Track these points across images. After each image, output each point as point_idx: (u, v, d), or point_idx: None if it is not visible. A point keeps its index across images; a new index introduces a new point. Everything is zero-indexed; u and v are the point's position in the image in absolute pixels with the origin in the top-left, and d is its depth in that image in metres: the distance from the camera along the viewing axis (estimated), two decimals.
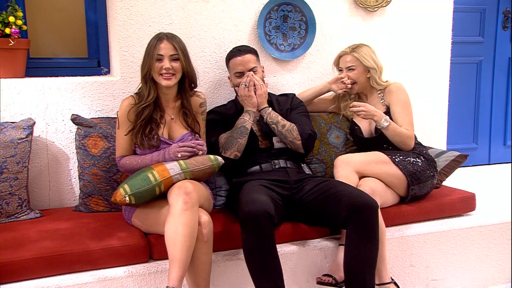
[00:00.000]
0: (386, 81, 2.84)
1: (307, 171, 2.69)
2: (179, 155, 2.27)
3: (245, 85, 2.60)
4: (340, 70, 2.89)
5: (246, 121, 2.56)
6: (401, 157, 2.65)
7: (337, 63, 2.93)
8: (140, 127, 2.32)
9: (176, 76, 2.34)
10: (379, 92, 2.83)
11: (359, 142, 2.88)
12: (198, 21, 2.90)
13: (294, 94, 2.90)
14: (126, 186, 2.21)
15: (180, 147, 2.28)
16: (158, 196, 2.23)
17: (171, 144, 2.34)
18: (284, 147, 2.64)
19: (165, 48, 2.32)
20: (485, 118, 4.20)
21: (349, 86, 2.82)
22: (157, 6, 2.80)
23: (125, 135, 2.34)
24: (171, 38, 2.35)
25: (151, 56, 2.32)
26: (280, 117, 2.62)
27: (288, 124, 2.61)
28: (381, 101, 2.80)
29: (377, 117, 2.65)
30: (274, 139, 2.65)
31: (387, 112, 2.76)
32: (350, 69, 2.83)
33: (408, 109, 2.77)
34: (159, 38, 2.34)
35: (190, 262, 2.08)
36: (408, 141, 2.70)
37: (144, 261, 2.24)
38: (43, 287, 2.04)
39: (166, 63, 2.31)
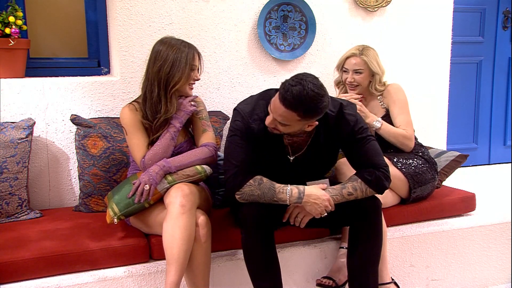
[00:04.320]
0: (384, 84, 2.80)
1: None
2: (193, 108, 2.31)
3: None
4: (345, 71, 2.79)
5: (286, 199, 2.08)
6: (401, 160, 2.65)
7: (342, 64, 2.81)
8: (155, 140, 2.29)
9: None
10: (378, 95, 2.81)
11: None
12: (198, 21, 2.90)
13: (355, 120, 2.17)
14: (114, 206, 2.19)
15: (188, 100, 2.31)
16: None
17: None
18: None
19: (197, 60, 2.32)
20: (485, 118, 4.20)
21: (359, 104, 2.66)
22: (157, 6, 2.80)
23: (149, 143, 2.27)
24: (197, 51, 2.33)
25: (189, 65, 2.25)
26: (343, 190, 2.13)
27: (358, 189, 2.13)
28: (380, 104, 2.79)
29: (369, 119, 2.66)
30: (310, 184, 2.19)
31: (387, 115, 2.76)
32: (357, 72, 2.73)
33: (406, 108, 2.76)
34: (193, 50, 2.28)
35: (188, 263, 2.08)
36: (405, 141, 2.70)
37: (144, 261, 2.24)
38: (43, 287, 2.04)
39: (197, 75, 2.33)
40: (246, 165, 2.10)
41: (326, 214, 2.11)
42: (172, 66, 2.22)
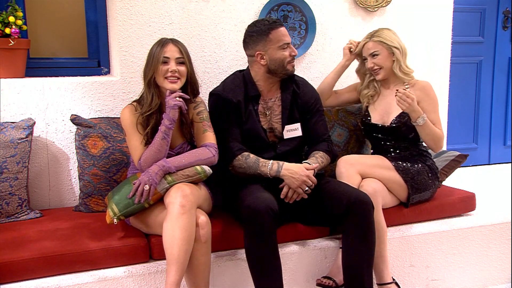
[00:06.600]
0: (412, 70, 2.71)
1: None
2: (177, 103, 2.21)
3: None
4: (365, 60, 2.75)
5: (267, 171, 2.34)
6: (404, 164, 2.62)
7: (361, 55, 2.78)
8: (149, 137, 2.27)
9: (181, 80, 2.28)
10: (406, 85, 2.68)
11: (370, 130, 2.78)
12: (198, 21, 2.90)
13: (317, 94, 2.63)
14: (114, 207, 2.19)
15: (173, 95, 2.23)
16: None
17: (169, 153, 2.31)
18: (292, 137, 2.51)
19: (171, 51, 2.26)
20: (485, 118, 4.20)
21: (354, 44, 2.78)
22: (157, 6, 2.80)
23: (145, 145, 2.26)
24: (176, 41, 2.31)
25: (156, 59, 2.25)
26: (317, 160, 2.45)
27: (324, 158, 2.48)
28: None
29: (415, 113, 2.53)
30: (286, 128, 2.49)
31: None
32: (374, 56, 2.68)
33: (437, 108, 2.68)
34: (164, 42, 2.29)
35: (188, 263, 2.08)
36: (439, 143, 2.62)
37: (144, 261, 2.24)
38: (43, 287, 2.04)
39: (172, 66, 2.25)
40: (234, 140, 2.39)
41: (307, 189, 2.31)
42: (147, 64, 2.32)
